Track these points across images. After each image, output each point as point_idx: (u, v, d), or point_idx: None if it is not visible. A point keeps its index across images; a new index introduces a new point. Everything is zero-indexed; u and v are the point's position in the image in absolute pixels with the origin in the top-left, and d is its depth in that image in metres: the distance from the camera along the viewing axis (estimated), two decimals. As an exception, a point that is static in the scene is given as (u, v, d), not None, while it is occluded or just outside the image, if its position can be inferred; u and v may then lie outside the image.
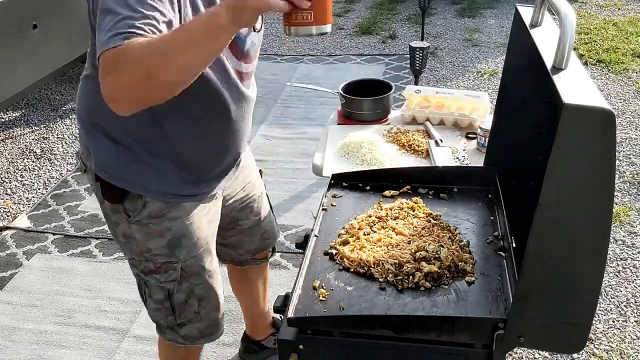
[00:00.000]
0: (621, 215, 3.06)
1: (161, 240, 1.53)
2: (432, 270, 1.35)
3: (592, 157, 1.04)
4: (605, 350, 2.29)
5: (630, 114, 4.16)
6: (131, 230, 1.51)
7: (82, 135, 1.53)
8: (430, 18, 6.41)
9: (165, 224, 1.51)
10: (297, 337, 1.28)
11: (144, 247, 1.54)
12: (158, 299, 1.61)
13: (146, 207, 1.48)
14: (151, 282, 1.59)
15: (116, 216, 1.52)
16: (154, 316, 1.67)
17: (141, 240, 1.52)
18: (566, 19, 1.10)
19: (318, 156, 2.20)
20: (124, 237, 1.55)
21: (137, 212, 1.49)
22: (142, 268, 1.58)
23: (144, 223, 1.50)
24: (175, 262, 1.56)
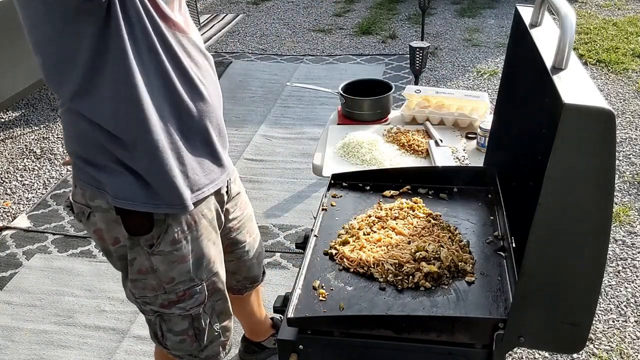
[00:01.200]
0: (621, 215, 3.06)
1: (185, 266, 1.46)
2: (432, 271, 1.35)
3: (592, 157, 1.04)
4: (605, 350, 2.29)
5: (630, 114, 4.16)
6: (152, 262, 1.43)
7: (84, 173, 1.38)
8: (430, 18, 6.41)
9: (187, 248, 1.45)
10: (297, 337, 1.28)
11: (166, 279, 1.45)
12: (181, 330, 1.54)
13: (168, 232, 1.40)
14: (174, 314, 1.51)
15: (134, 251, 1.42)
16: (177, 349, 1.58)
17: (164, 271, 1.44)
18: (566, 19, 1.10)
19: (318, 156, 2.20)
20: (140, 274, 1.45)
21: (159, 239, 1.40)
22: (161, 302, 1.49)
23: (167, 251, 1.42)
24: (199, 284, 1.50)
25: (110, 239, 1.43)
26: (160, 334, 1.56)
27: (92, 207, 1.40)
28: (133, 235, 1.40)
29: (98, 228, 1.42)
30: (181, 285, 1.48)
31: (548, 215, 1.08)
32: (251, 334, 2.27)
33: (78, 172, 1.39)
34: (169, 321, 1.52)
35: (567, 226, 1.10)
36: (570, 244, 1.11)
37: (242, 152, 3.86)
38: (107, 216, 1.39)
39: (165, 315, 1.51)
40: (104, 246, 1.47)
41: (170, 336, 1.55)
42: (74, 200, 1.43)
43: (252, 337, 2.27)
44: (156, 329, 1.56)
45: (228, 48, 5.87)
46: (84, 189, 1.39)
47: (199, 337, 1.57)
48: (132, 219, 1.37)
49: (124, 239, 1.42)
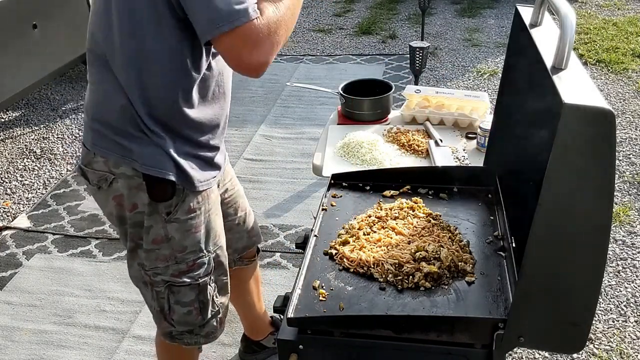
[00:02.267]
0: (621, 215, 3.06)
1: (196, 236, 1.54)
2: (432, 271, 1.35)
3: (592, 157, 1.04)
4: (605, 350, 2.29)
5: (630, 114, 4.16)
6: (168, 230, 1.50)
7: (110, 142, 1.45)
8: (430, 18, 6.41)
9: (201, 217, 1.54)
10: (297, 337, 1.28)
11: (179, 247, 1.52)
12: (189, 301, 1.59)
13: (185, 201, 1.49)
14: (185, 283, 1.56)
15: (151, 219, 1.49)
16: (181, 321, 1.62)
17: (179, 239, 1.52)
18: (566, 19, 1.10)
19: (318, 156, 2.20)
20: (154, 243, 1.51)
21: (177, 207, 1.48)
22: (172, 272, 1.55)
23: (182, 220, 1.50)
24: (205, 255, 1.58)
25: (128, 205, 1.49)
26: (168, 307, 1.60)
27: (115, 174, 1.46)
28: (155, 201, 1.47)
29: (119, 194, 1.48)
30: (191, 255, 1.55)
31: (548, 215, 1.08)
32: (250, 331, 2.27)
33: (100, 140, 1.46)
34: (177, 292, 1.58)
35: (567, 226, 1.10)
36: (570, 244, 1.11)
37: (242, 152, 3.86)
38: (130, 182, 1.46)
39: (174, 286, 1.56)
40: (120, 213, 1.52)
41: (178, 308, 1.60)
42: (94, 168, 1.48)
43: (252, 335, 2.27)
44: (164, 303, 1.59)
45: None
46: (106, 157, 1.46)
47: (203, 310, 1.63)
48: (157, 186, 1.45)
49: (143, 205, 1.48)
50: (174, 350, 1.76)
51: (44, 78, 4.12)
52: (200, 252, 1.56)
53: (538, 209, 1.07)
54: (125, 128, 1.43)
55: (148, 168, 1.44)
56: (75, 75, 5.20)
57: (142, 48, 1.34)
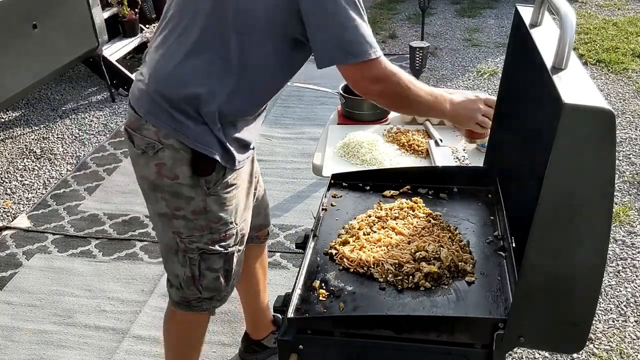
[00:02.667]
0: (621, 215, 3.06)
1: (230, 208, 1.64)
2: (432, 271, 1.35)
3: (592, 157, 1.04)
4: (605, 350, 2.29)
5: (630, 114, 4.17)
6: (207, 203, 1.60)
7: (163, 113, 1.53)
8: (430, 18, 6.41)
9: (233, 192, 1.64)
10: (297, 337, 1.28)
11: (215, 218, 1.62)
12: (217, 268, 1.70)
13: (225, 177, 1.59)
14: (216, 251, 1.67)
15: (193, 191, 1.58)
16: (209, 287, 1.72)
17: (216, 210, 1.61)
18: (566, 19, 1.10)
19: (318, 156, 2.20)
20: (193, 214, 1.60)
21: (217, 183, 1.58)
22: (206, 240, 1.64)
23: (220, 194, 1.60)
24: (234, 227, 1.68)
25: (170, 175, 1.57)
26: (198, 273, 1.69)
27: (164, 144, 1.55)
28: (198, 175, 1.57)
29: (162, 162, 1.56)
30: (223, 226, 1.65)
31: (548, 215, 1.08)
32: (252, 328, 2.27)
33: (157, 111, 1.54)
34: (208, 260, 1.68)
35: (567, 226, 1.10)
36: (570, 244, 1.11)
37: (242, 152, 3.85)
38: (176, 155, 1.54)
39: (206, 253, 1.67)
40: (157, 180, 1.59)
41: (208, 273, 1.70)
42: (143, 134, 1.56)
43: (253, 333, 2.27)
44: (195, 270, 1.69)
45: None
46: (158, 127, 1.54)
47: (227, 277, 1.73)
48: (202, 162, 1.55)
49: (184, 177, 1.56)
50: (189, 321, 1.84)
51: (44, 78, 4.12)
52: (231, 224, 1.66)
53: (538, 208, 1.07)
54: (185, 108, 1.51)
55: (197, 145, 1.53)
56: (75, 75, 5.20)
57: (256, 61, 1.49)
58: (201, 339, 1.93)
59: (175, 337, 1.91)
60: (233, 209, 1.66)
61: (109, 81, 4.73)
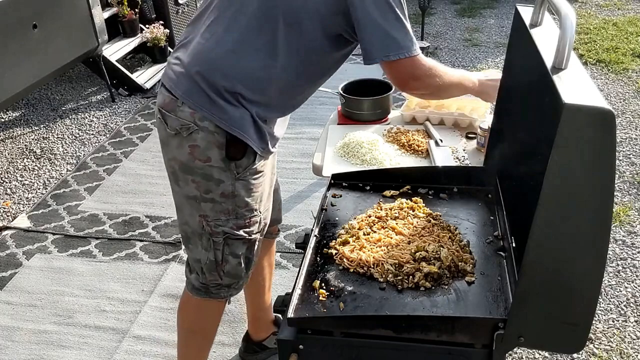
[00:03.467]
0: (621, 215, 3.06)
1: (256, 195, 1.68)
2: (432, 271, 1.35)
3: (592, 157, 1.04)
4: (605, 350, 2.29)
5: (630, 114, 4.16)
6: (235, 187, 1.63)
7: (201, 96, 1.56)
8: (430, 18, 6.41)
9: (260, 179, 1.68)
10: (297, 337, 1.28)
11: (242, 203, 1.66)
12: (241, 254, 1.72)
13: (255, 163, 1.63)
14: (240, 237, 1.69)
15: (223, 174, 1.61)
16: (231, 273, 1.74)
17: (243, 195, 1.65)
18: (566, 19, 1.10)
19: (318, 156, 2.20)
20: (222, 197, 1.63)
21: (247, 168, 1.62)
22: (232, 225, 1.67)
23: (248, 179, 1.64)
24: (258, 215, 1.72)
25: (202, 157, 1.59)
26: (222, 258, 1.72)
27: (199, 127, 1.57)
28: (229, 159, 1.60)
29: (195, 144, 1.59)
30: (248, 212, 1.69)
31: (548, 215, 1.08)
32: (253, 326, 2.27)
33: (195, 93, 1.56)
34: (231, 245, 1.71)
35: (567, 226, 1.10)
36: (570, 244, 1.11)
37: (242, 152, 3.85)
38: (210, 137, 1.57)
39: (231, 238, 1.70)
40: (189, 161, 1.61)
41: (231, 259, 1.72)
42: (178, 116, 1.58)
43: (254, 333, 2.27)
44: (219, 254, 1.71)
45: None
46: (194, 109, 1.56)
47: (247, 264, 1.76)
48: (235, 146, 1.59)
49: (216, 160, 1.59)
50: (203, 307, 1.84)
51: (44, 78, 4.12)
52: (255, 211, 1.70)
53: (538, 208, 1.07)
54: (225, 94, 1.55)
55: (233, 129, 1.56)
56: (75, 75, 5.20)
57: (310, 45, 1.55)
58: (214, 329, 1.95)
59: (189, 323, 1.92)
60: (259, 197, 1.70)
61: (109, 81, 4.73)
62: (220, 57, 1.54)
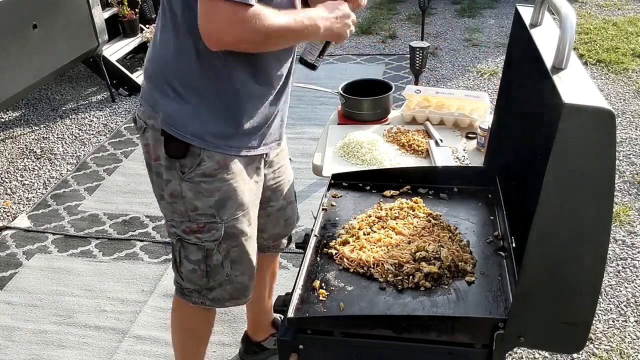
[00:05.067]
0: (621, 215, 3.06)
1: (209, 200, 1.60)
2: (432, 271, 1.35)
3: (592, 157, 1.04)
4: (605, 350, 2.29)
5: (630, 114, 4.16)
6: (182, 188, 1.59)
7: (148, 95, 1.58)
8: (430, 18, 6.41)
9: (215, 184, 1.59)
10: (297, 337, 1.28)
11: (191, 206, 1.60)
12: (195, 260, 1.67)
13: (201, 165, 1.56)
14: (192, 241, 1.65)
15: (170, 173, 1.58)
16: (187, 277, 1.71)
17: (190, 198, 1.59)
18: (566, 19, 1.10)
19: (318, 156, 2.20)
20: (171, 197, 1.61)
21: (192, 169, 1.56)
22: (184, 228, 1.64)
23: (196, 181, 1.58)
24: (218, 222, 1.63)
25: (154, 155, 1.60)
26: (179, 260, 1.70)
27: (147, 125, 1.58)
28: (169, 156, 1.57)
29: (147, 143, 1.60)
30: (203, 217, 1.62)
31: (548, 215, 1.08)
32: (253, 328, 2.27)
33: (145, 92, 1.60)
34: (186, 248, 1.67)
35: (567, 226, 1.10)
36: (570, 244, 1.11)
37: (242, 152, 3.85)
38: (155, 135, 1.57)
39: (184, 241, 1.66)
40: (148, 160, 1.63)
41: (186, 263, 1.69)
42: (138, 116, 1.62)
43: (253, 334, 2.27)
44: (176, 255, 1.70)
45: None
46: (145, 108, 1.59)
47: (209, 274, 1.69)
48: (173, 143, 1.55)
49: (163, 158, 1.58)
50: (189, 311, 1.82)
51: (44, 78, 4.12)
52: (212, 217, 1.62)
53: (538, 208, 1.07)
54: (164, 87, 1.54)
55: (165, 124, 1.53)
56: (75, 75, 5.20)
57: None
58: (204, 334, 1.93)
59: (177, 325, 1.93)
60: (215, 202, 1.61)
61: (109, 81, 4.73)
62: (156, 54, 1.56)
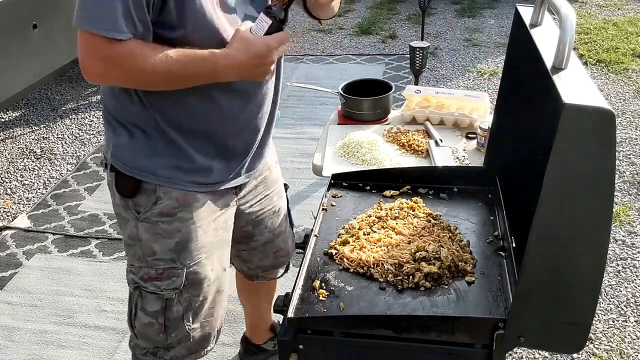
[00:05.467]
0: (621, 215, 3.06)
1: (168, 242, 1.46)
2: (432, 271, 1.35)
3: (592, 157, 1.04)
4: (605, 350, 2.29)
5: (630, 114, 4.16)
6: (138, 229, 1.45)
7: (104, 127, 1.50)
8: (430, 18, 6.41)
9: (175, 224, 1.45)
10: (297, 337, 1.28)
11: (148, 250, 1.46)
12: (153, 312, 1.50)
13: (158, 203, 1.43)
14: (149, 290, 1.49)
15: (126, 213, 1.47)
16: (142, 333, 1.53)
17: (147, 241, 1.45)
18: (566, 19, 1.10)
19: (318, 156, 2.20)
20: (130, 239, 1.49)
21: (148, 208, 1.43)
22: (142, 275, 1.49)
23: (153, 221, 1.44)
24: (179, 268, 1.48)
25: (112, 192, 1.50)
26: (134, 312, 1.52)
27: (107, 160, 1.49)
28: (121, 195, 1.45)
29: (109, 180, 1.50)
30: (162, 262, 1.47)
31: (548, 215, 1.08)
32: (251, 332, 2.27)
33: (104, 124, 1.50)
34: (144, 298, 1.50)
35: (567, 226, 1.10)
36: (570, 244, 1.11)
37: (242, 152, 3.85)
38: (111, 172, 1.48)
39: (142, 290, 1.50)
40: (111, 197, 1.53)
41: (142, 315, 1.51)
42: (102, 152, 1.57)
43: (252, 337, 2.27)
44: (132, 306, 1.53)
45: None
46: (105, 143, 1.50)
47: (167, 328, 1.51)
48: (122, 180, 1.44)
49: (118, 197, 1.47)
50: None
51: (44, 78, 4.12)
52: (172, 262, 1.47)
53: (538, 209, 1.07)
54: (107, 115, 1.45)
55: (115, 160, 1.43)
56: (75, 75, 5.19)
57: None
58: None
59: None
60: (175, 244, 1.46)
61: (109, 81, 4.72)
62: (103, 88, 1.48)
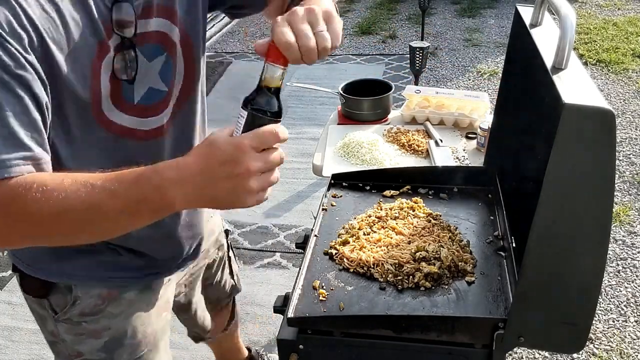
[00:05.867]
0: (621, 215, 3.06)
1: (96, 342, 1.27)
2: (432, 271, 1.35)
3: (592, 157, 1.04)
4: (605, 350, 2.29)
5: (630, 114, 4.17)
6: (58, 330, 1.26)
7: None
8: (430, 18, 6.41)
9: (102, 322, 1.26)
10: (297, 337, 1.28)
11: (74, 352, 1.29)
12: None
13: (77, 304, 1.23)
14: None
15: (42, 311, 1.27)
16: None
17: (71, 342, 1.27)
18: (566, 19, 1.10)
19: (318, 156, 2.20)
20: (52, 336, 1.31)
21: (66, 308, 1.23)
22: None
23: (75, 322, 1.25)
24: None
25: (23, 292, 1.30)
26: None
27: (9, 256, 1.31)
28: (28, 295, 1.26)
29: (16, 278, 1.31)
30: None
31: (548, 215, 1.08)
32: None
33: None
34: None
35: (567, 226, 1.10)
36: (570, 244, 1.11)
37: (242, 152, 3.85)
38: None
39: None
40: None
41: None
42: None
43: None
44: None
45: (228, 48, 5.87)
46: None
47: None
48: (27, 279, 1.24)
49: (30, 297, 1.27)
50: None
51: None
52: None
53: (538, 209, 1.07)
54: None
55: (15, 258, 1.24)
56: None
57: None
58: None
59: None
60: (105, 344, 1.28)
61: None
62: None
